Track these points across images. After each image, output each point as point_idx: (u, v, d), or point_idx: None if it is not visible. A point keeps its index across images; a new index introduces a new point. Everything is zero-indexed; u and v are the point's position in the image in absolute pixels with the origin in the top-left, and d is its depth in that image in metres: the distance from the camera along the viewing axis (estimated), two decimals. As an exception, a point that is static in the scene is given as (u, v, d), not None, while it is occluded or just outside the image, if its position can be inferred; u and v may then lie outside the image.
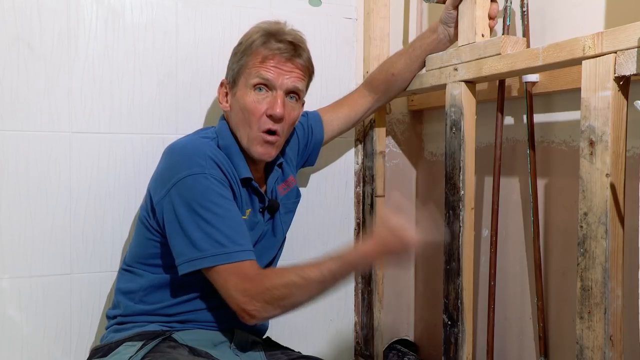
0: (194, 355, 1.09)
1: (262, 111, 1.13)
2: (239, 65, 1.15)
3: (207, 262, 1.04)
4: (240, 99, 1.14)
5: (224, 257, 1.03)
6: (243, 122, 1.14)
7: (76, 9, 1.30)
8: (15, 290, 1.28)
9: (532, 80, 1.21)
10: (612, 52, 0.88)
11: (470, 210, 1.22)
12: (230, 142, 1.17)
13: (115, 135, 1.35)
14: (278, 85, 1.13)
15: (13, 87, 1.26)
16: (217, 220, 1.05)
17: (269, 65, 1.12)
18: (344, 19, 1.58)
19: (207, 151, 1.11)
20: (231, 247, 1.04)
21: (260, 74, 1.12)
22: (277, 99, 1.13)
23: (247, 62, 1.14)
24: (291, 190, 1.31)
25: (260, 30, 1.15)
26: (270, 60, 1.12)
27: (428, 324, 1.70)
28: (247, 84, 1.13)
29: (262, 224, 1.22)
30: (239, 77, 1.15)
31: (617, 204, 0.90)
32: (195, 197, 1.06)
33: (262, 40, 1.13)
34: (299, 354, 1.25)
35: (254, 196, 1.20)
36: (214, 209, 1.05)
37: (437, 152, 1.65)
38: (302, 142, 1.37)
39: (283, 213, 1.27)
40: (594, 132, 0.91)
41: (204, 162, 1.08)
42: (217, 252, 1.03)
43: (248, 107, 1.13)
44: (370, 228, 1.00)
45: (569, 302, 1.21)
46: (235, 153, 1.16)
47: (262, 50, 1.13)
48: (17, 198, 1.27)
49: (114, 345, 1.12)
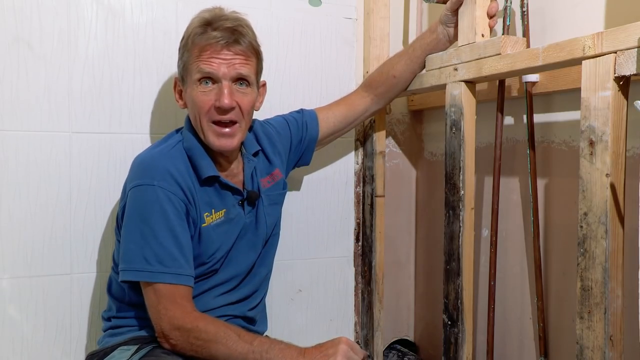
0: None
1: (210, 104, 1.10)
2: (183, 62, 1.13)
3: (133, 276, 1.07)
4: (189, 96, 1.13)
5: (148, 275, 1.05)
6: (196, 117, 1.13)
7: (76, 9, 1.30)
8: (15, 290, 1.28)
9: (532, 80, 1.21)
10: (612, 52, 0.88)
11: (470, 210, 1.22)
12: (193, 142, 1.15)
13: (115, 135, 1.35)
14: (221, 75, 1.09)
15: (13, 87, 1.26)
16: (150, 236, 1.06)
17: (206, 57, 1.09)
18: (344, 19, 1.58)
19: (166, 164, 1.11)
20: (157, 266, 1.05)
21: (200, 68, 1.09)
22: (222, 90, 1.09)
23: (189, 58, 1.11)
24: (277, 183, 1.29)
25: (198, 21, 1.12)
26: (207, 51, 1.09)
27: (428, 324, 1.70)
28: (192, 80, 1.11)
29: (243, 216, 1.20)
30: (185, 74, 1.13)
31: (617, 204, 0.90)
32: (139, 207, 1.08)
33: (199, 31, 1.10)
34: (298, 353, 1.24)
35: (225, 192, 1.17)
36: (152, 224, 1.06)
37: (437, 152, 1.65)
38: (296, 138, 1.36)
39: (267, 205, 1.25)
40: (594, 132, 0.91)
41: (157, 174, 1.09)
42: (143, 269, 1.05)
43: (196, 103, 1.11)
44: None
45: (569, 302, 1.21)
46: (198, 153, 1.14)
47: (198, 42, 1.09)
48: (17, 198, 1.27)
49: (109, 350, 1.13)
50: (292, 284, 1.55)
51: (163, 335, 1.05)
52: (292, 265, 1.55)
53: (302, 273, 1.56)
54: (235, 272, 1.21)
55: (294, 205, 1.53)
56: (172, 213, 1.08)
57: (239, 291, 1.22)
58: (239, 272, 1.22)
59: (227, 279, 1.20)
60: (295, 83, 1.52)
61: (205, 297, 1.18)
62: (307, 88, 1.53)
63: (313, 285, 1.58)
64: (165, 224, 1.07)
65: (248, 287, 1.24)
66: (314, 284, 1.58)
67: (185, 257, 1.08)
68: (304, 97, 1.52)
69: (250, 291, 1.24)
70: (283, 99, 1.50)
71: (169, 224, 1.07)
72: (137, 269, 1.06)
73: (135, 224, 1.07)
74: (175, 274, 1.06)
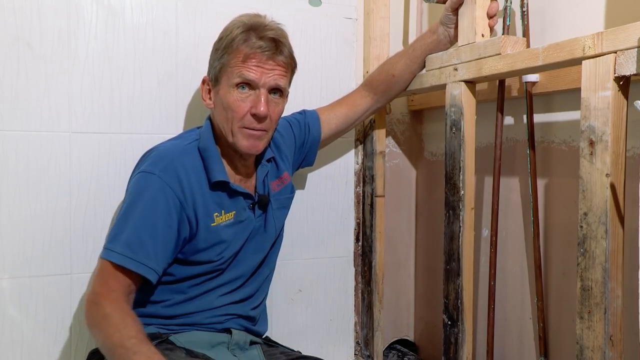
0: (191, 357, 1.09)
1: (246, 110, 1.12)
2: (221, 64, 1.14)
3: (102, 254, 1.07)
4: (223, 98, 1.13)
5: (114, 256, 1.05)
6: (227, 120, 1.14)
7: (76, 9, 1.30)
8: (15, 290, 1.28)
9: (532, 80, 1.21)
10: (612, 52, 0.88)
11: (470, 210, 1.22)
12: (209, 143, 1.16)
13: (115, 135, 1.35)
14: (261, 84, 1.12)
15: (13, 87, 1.26)
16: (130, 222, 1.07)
17: (250, 65, 1.11)
18: (344, 19, 1.58)
19: (173, 157, 1.12)
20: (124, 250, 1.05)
21: (242, 73, 1.11)
22: (260, 97, 1.12)
23: (229, 61, 1.12)
24: (285, 187, 1.30)
25: (241, 26, 1.13)
26: (252, 59, 1.11)
27: (428, 324, 1.70)
28: (229, 83, 1.12)
29: (253, 220, 1.21)
30: (221, 75, 1.14)
31: (617, 204, 0.90)
32: (133, 191, 1.10)
33: (243, 38, 1.11)
34: (298, 353, 1.25)
35: (235, 195, 1.18)
36: (137, 210, 1.07)
37: (437, 152, 1.65)
38: (299, 140, 1.37)
39: (276, 208, 1.26)
40: (594, 132, 0.91)
41: (161, 165, 1.10)
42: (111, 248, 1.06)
43: (231, 106, 1.12)
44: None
45: (569, 302, 1.21)
46: (212, 155, 1.15)
47: (243, 48, 1.11)
48: (17, 198, 1.27)
49: None
50: (292, 284, 1.55)
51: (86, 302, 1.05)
52: (292, 265, 1.55)
53: (302, 273, 1.56)
54: (241, 273, 1.22)
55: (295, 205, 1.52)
56: (161, 205, 1.08)
57: (242, 291, 1.23)
58: (245, 273, 1.22)
59: (232, 279, 1.20)
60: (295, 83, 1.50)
61: (209, 296, 1.18)
62: (307, 88, 1.53)
63: (313, 285, 1.58)
64: (150, 213, 1.08)
65: (251, 286, 1.24)
66: (314, 284, 1.58)
67: (156, 250, 1.08)
68: (304, 97, 1.52)
69: (253, 291, 1.25)
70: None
71: (154, 214, 1.08)
72: (108, 247, 1.06)
73: (126, 208, 1.09)
74: (137, 261, 1.05)
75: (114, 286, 1.04)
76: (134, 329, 0.98)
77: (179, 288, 1.17)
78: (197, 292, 1.17)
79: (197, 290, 1.17)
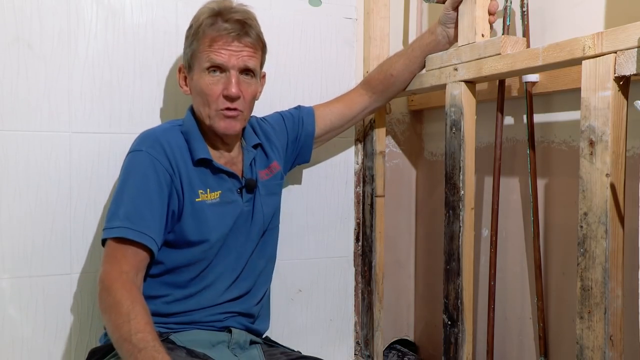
0: (191, 357, 1.08)
1: (219, 92, 1.15)
2: (191, 50, 1.17)
3: (104, 234, 1.09)
4: (197, 83, 1.16)
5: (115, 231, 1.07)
6: (202, 104, 1.17)
7: (76, 9, 1.30)
8: (15, 290, 1.28)
9: (532, 80, 1.21)
10: (612, 52, 0.88)
11: (470, 210, 1.22)
12: (191, 126, 1.20)
13: (115, 135, 1.35)
14: (230, 66, 1.14)
15: (13, 87, 1.26)
16: (125, 195, 1.10)
17: (217, 48, 1.13)
18: (344, 19, 1.58)
19: (158, 135, 1.16)
20: (124, 222, 1.07)
21: (210, 58, 1.13)
22: (231, 79, 1.14)
23: (198, 47, 1.15)
24: (274, 176, 1.31)
25: (207, 11, 1.16)
26: (218, 42, 1.13)
27: (428, 324, 1.70)
28: (200, 68, 1.15)
29: (241, 203, 1.22)
30: (193, 62, 1.17)
31: (617, 204, 0.90)
32: (126, 170, 1.14)
33: (209, 22, 1.14)
34: (298, 353, 1.25)
35: (221, 175, 1.20)
36: (130, 184, 1.11)
37: (437, 152, 1.65)
38: (292, 134, 1.37)
39: (264, 194, 1.26)
40: (594, 132, 0.91)
41: (148, 142, 1.15)
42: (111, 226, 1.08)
43: (204, 91, 1.15)
44: None
45: (569, 302, 1.21)
46: (194, 137, 1.19)
47: (210, 32, 1.14)
48: (17, 198, 1.27)
49: (111, 347, 1.12)
50: (292, 284, 1.55)
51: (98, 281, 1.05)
52: (292, 265, 1.55)
53: (302, 273, 1.56)
54: (232, 264, 1.21)
55: (294, 205, 1.53)
56: (152, 178, 1.12)
57: (239, 285, 1.22)
58: (236, 265, 1.22)
59: (223, 270, 1.20)
60: (295, 83, 1.52)
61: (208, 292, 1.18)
62: (307, 88, 1.53)
63: (313, 285, 1.58)
64: (143, 186, 1.11)
65: (247, 281, 1.24)
66: (314, 284, 1.58)
67: (154, 220, 1.10)
68: (304, 97, 1.52)
69: (250, 285, 1.25)
70: (283, 99, 1.50)
71: (147, 187, 1.11)
72: (108, 227, 1.08)
73: (119, 187, 1.12)
74: (139, 231, 1.07)
75: (124, 267, 1.05)
76: (142, 320, 0.99)
77: (176, 282, 1.17)
78: (196, 289, 1.17)
79: (195, 286, 1.17)
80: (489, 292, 1.30)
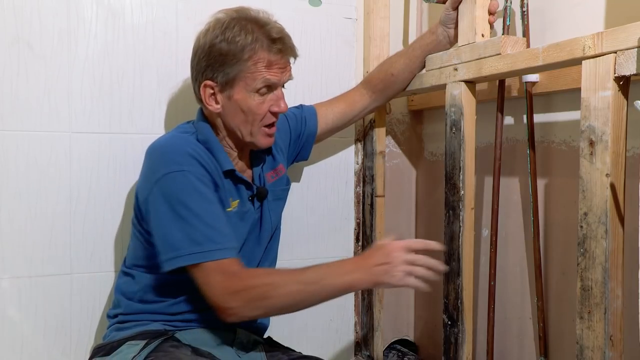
0: (196, 355, 1.09)
1: (266, 110, 1.15)
2: (236, 70, 1.11)
3: (184, 261, 1.05)
4: (242, 102, 1.13)
5: (200, 256, 1.04)
6: (245, 122, 1.15)
7: (76, 9, 1.30)
8: (15, 290, 1.28)
9: (532, 80, 1.21)
10: (612, 52, 0.88)
11: (470, 210, 1.22)
12: (210, 136, 1.17)
13: (115, 135, 1.35)
14: (280, 84, 1.16)
15: (13, 87, 1.26)
16: (194, 219, 1.05)
17: (275, 70, 1.13)
18: (344, 19, 1.58)
19: (186, 148, 1.11)
20: (208, 245, 1.04)
21: (266, 79, 1.12)
22: (279, 96, 1.16)
23: (248, 67, 1.11)
24: (280, 179, 1.31)
25: (251, 31, 1.11)
26: (276, 65, 1.13)
27: (428, 324, 1.70)
28: (249, 88, 1.12)
29: (252, 212, 1.22)
30: (235, 81, 1.13)
31: (617, 204, 0.90)
32: (173, 194, 1.07)
33: (263, 44, 1.11)
34: (299, 354, 1.25)
35: (239, 185, 1.20)
36: (192, 207, 1.06)
37: (437, 152, 1.65)
38: (295, 133, 1.38)
39: (271, 200, 1.27)
40: (594, 132, 0.91)
41: (182, 159, 1.09)
42: (194, 251, 1.04)
43: (253, 110, 1.14)
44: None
45: (569, 302, 1.21)
46: (215, 147, 1.16)
47: (263, 55, 1.11)
48: (17, 198, 1.27)
49: (116, 344, 1.12)
50: (292, 284, 1.55)
51: (222, 307, 1.04)
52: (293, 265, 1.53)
53: (302, 273, 1.56)
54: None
55: (294, 205, 1.53)
56: (207, 193, 1.09)
57: None
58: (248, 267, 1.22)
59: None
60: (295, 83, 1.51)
61: None
62: (307, 88, 1.53)
63: (313, 285, 1.58)
64: (205, 204, 1.08)
65: None
66: (314, 284, 1.58)
67: (228, 230, 1.09)
68: (304, 97, 1.52)
69: None
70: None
71: (208, 202, 1.08)
72: (187, 253, 1.04)
73: (174, 211, 1.06)
74: (224, 248, 1.06)
75: (231, 271, 1.04)
76: (287, 271, 1.05)
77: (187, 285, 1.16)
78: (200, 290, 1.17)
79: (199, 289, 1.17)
80: (489, 292, 1.30)
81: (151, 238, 1.11)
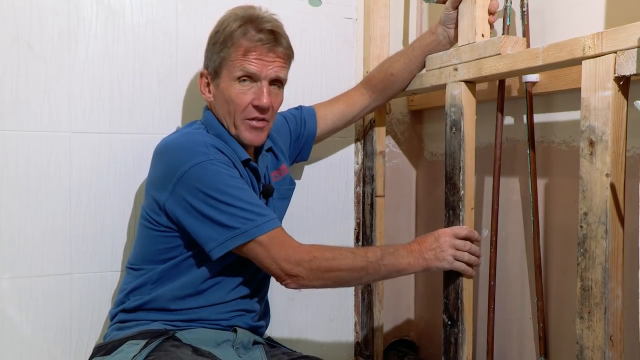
0: (197, 354, 1.09)
1: (248, 102, 1.15)
2: (221, 57, 1.15)
3: (241, 239, 1.07)
4: (224, 91, 1.15)
5: (257, 230, 1.07)
6: (229, 113, 1.16)
7: (76, 9, 1.30)
8: (15, 290, 1.28)
9: (532, 80, 1.21)
10: (612, 52, 0.88)
11: (470, 210, 1.22)
12: (220, 129, 1.19)
13: (115, 135, 1.35)
14: (262, 76, 1.14)
15: (13, 87, 1.26)
16: (236, 200, 1.08)
17: (251, 58, 1.13)
18: (344, 19, 1.58)
19: (205, 139, 1.13)
20: (258, 219, 1.07)
21: (244, 67, 1.13)
22: (262, 90, 1.15)
23: (229, 55, 1.14)
24: (283, 178, 1.32)
25: (238, 19, 1.15)
26: (253, 52, 1.13)
27: (428, 324, 1.70)
28: (230, 76, 1.14)
29: None
30: (221, 69, 1.16)
31: (617, 204, 0.90)
32: (208, 183, 1.08)
33: (242, 31, 1.13)
34: (299, 354, 1.25)
35: (252, 178, 1.21)
36: (231, 191, 1.08)
37: (437, 152, 1.65)
38: (294, 134, 1.38)
39: (277, 199, 1.28)
40: (594, 132, 0.91)
41: (207, 150, 1.11)
42: (249, 227, 1.07)
43: (234, 99, 1.15)
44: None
45: (569, 302, 1.21)
46: (228, 138, 1.18)
47: (243, 42, 1.13)
48: (17, 198, 1.27)
49: (117, 343, 1.12)
50: (292, 284, 1.55)
51: (287, 275, 1.08)
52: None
53: (302, 273, 1.56)
54: (247, 266, 1.21)
55: (294, 204, 1.52)
56: (237, 176, 1.12)
57: (248, 284, 1.23)
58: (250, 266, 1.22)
59: (239, 272, 1.20)
60: (295, 83, 1.52)
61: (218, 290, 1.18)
62: (307, 88, 1.54)
63: (313, 285, 1.58)
64: (240, 184, 1.11)
65: (255, 279, 1.24)
66: (314, 284, 1.58)
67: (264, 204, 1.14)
68: (304, 97, 1.52)
69: (257, 284, 1.25)
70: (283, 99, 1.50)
71: (242, 184, 1.11)
72: (239, 233, 1.07)
73: (213, 198, 1.08)
74: (273, 219, 1.09)
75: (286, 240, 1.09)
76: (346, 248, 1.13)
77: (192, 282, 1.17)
78: (208, 285, 1.18)
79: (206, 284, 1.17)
80: (489, 292, 1.30)
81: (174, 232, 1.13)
